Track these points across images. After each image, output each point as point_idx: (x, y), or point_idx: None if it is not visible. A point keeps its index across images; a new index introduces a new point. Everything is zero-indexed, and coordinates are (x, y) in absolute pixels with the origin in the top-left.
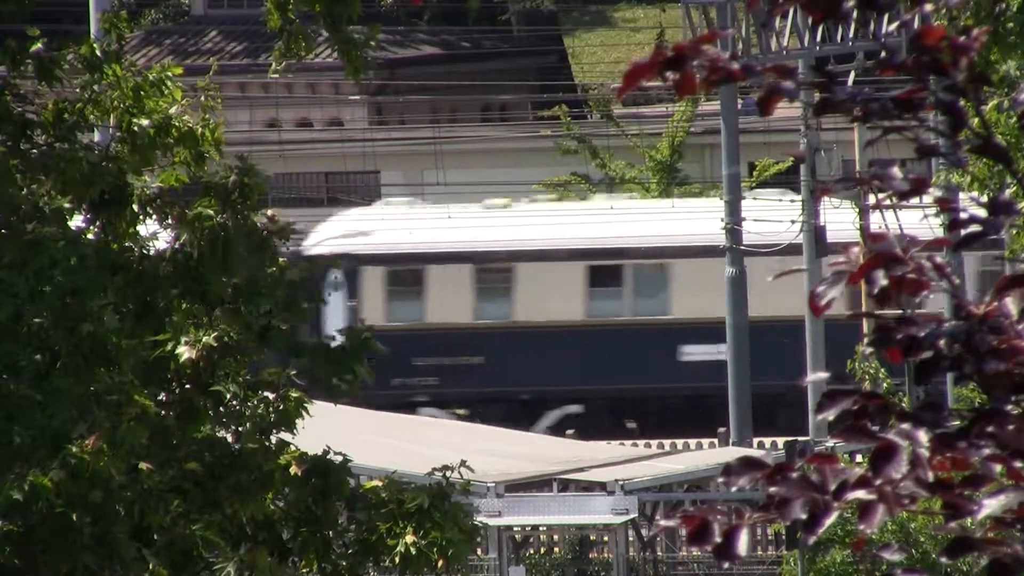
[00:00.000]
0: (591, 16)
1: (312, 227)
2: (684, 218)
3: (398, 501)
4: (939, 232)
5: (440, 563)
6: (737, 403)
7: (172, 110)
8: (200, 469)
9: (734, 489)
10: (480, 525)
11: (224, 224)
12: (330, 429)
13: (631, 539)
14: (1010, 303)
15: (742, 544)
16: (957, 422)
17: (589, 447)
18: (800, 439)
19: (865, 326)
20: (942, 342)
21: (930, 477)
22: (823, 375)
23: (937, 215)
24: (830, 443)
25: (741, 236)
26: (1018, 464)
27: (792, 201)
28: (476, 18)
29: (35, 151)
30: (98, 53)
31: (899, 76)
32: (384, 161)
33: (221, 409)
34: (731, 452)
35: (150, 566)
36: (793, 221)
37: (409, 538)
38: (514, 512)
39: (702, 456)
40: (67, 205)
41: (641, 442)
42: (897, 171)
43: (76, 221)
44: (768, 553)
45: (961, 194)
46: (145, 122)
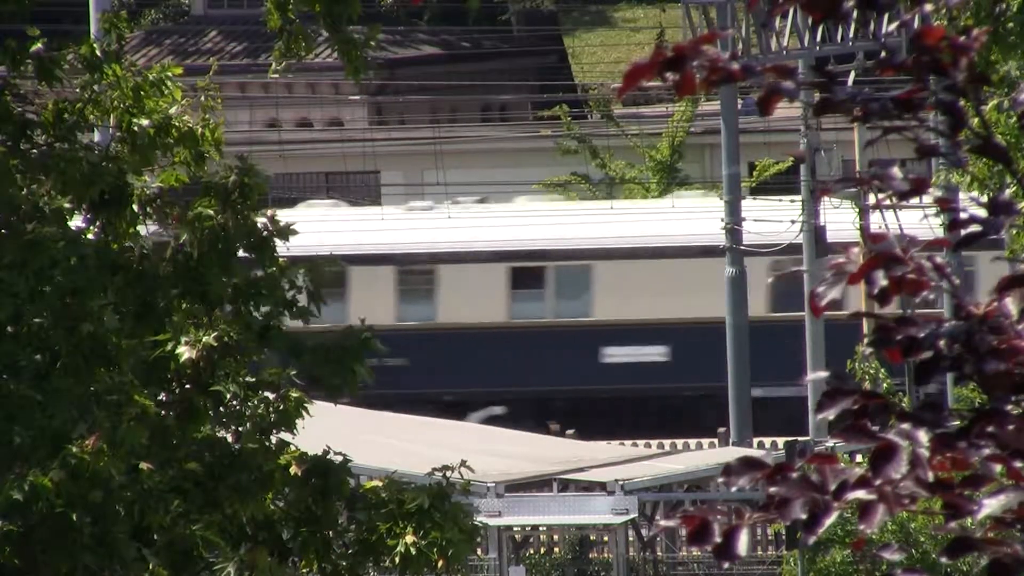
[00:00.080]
0: (591, 16)
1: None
2: (608, 220)
3: (398, 501)
4: (939, 232)
5: (440, 563)
6: (737, 403)
7: (172, 110)
8: (200, 469)
9: (734, 489)
10: (480, 525)
11: (224, 224)
12: (330, 429)
13: (631, 539)
14: (1010, 303)
15: (742, 544)
16: (957, 422)
17: (589, 447)
18: (800, 439)
19: (865, 326)
20: (942, 342)
21: (930, 477)
22: (823, 374)
23: (937, 215)
24: (830, 443)
25: (741, 236)
26: (1018, 464)
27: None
28: (476, 18)
29: (35, 151)
30: (98, 53)
31: (899, 76)
32: (384, 161)
33: (221, 409)
34: (731, 452)
35: (150, 566)
36: (793, 221)
37: (409, 538)
38: (514, 512)
39: (702, 456)
40: (67, 205)
41: (641, 442)
42: (897, 171)
43: (76, 221)
44: (768, 553)
45: (961, 194)
46: (145, 122)
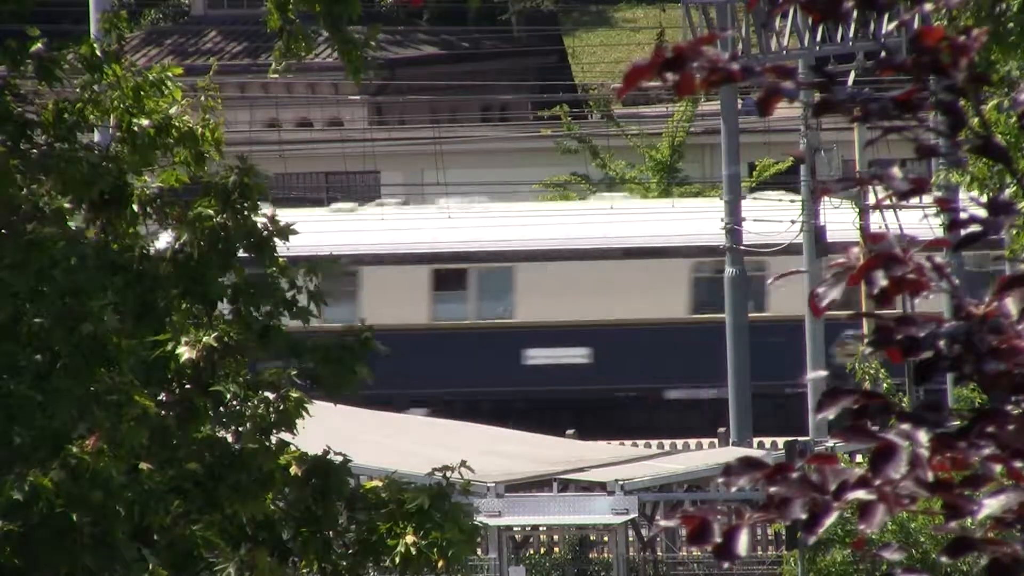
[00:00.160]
0: (591, 16)
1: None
2: (531, 223)
3: (398, 501)
4: (939, 232)
5: (440, 563)
6: (737, 403)
7: (172, 110)
8: (200, 469)
9: (734, 489)
10: (480, 525)
11: (224, 224)
12: (330, 429)
13: (631, 539)
14: (1010, 303)
15: (742, 544)
16: (957, 422)
17: (589, 447)
18: (800, 439)
19: (865, 326)
20: (942, 342)
21: (930, 477)
22: (823, 374)
23: (937, 215)
24: (830, 443)
25: (741, 236)
26: (1018, 464)
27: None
28: (476, 18)
29: (35, 151)
30: (98, 53)
31: (899, 76)
32: (384, 161)
33: (221, 409)
34: (731, 452)
35: (150, 566)
36: (793, 221)
37: (409, 538)
38: (514, 512)
39: (702, 456)
40: (67, 205)
41: (641, 442)
42: (897, 171)
43: (76, 221)
44: (768, 553)
45: (961, 194)
46: (145, 122)
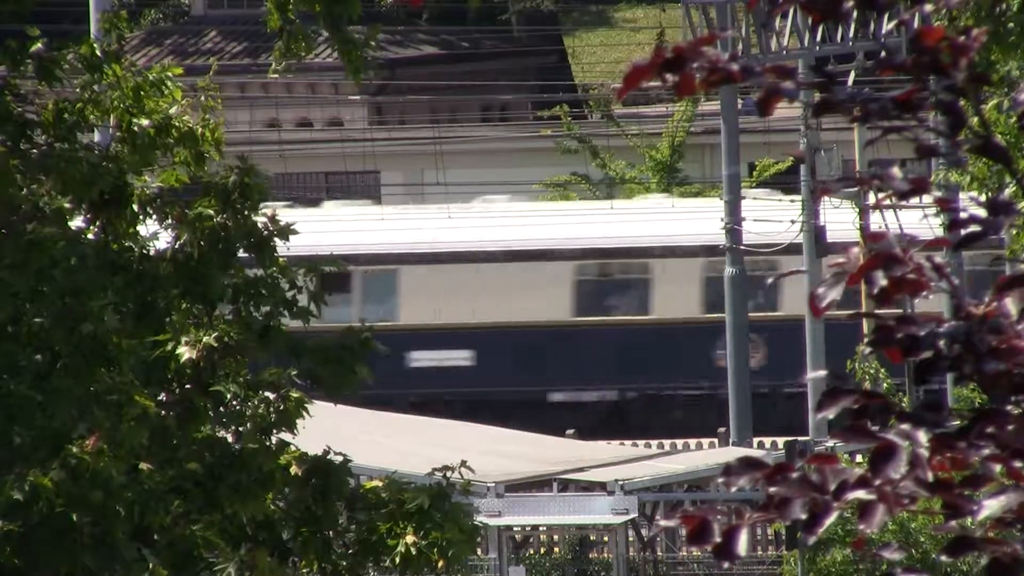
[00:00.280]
0: (591, 16)
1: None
2: (414, 226)
3: (398, 501)
4: (939, 232)
5: (440, 563)
6: (737, 403)
7: (172, 110)
8: (200, 469)
9: (734, 489)
10: (480, 525)
11: (224, 224)
12: (330, 429)
13: (631, 539)
14: (1010, 303)
15: (742, 544)
16: (957, 422)
17: (589, 447)
18: (800, 439)
19: (865, 326)
20: (942, 342)
21: (930, 477)
22: (822, 374)
23: (937, 215)
24: (830, 443)
25: (741, 236)
26: (1018, 464)
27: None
28: (476, 18)
29: (35, 151)
30: (98, 53)
31: (899, 76)
32: (384, 161)
33: (221, 409)
34: (731, 452)
35: (150, 566)
36: (793, 221)
37: (409, 538)
38: (514, 512)
39: (702, 456)
40: (67, 205)
41: (641, 442)
42: (897, 171)
43: (76, 221)
44: (768, 553)
45: (961, 194)
46: (145, 122)
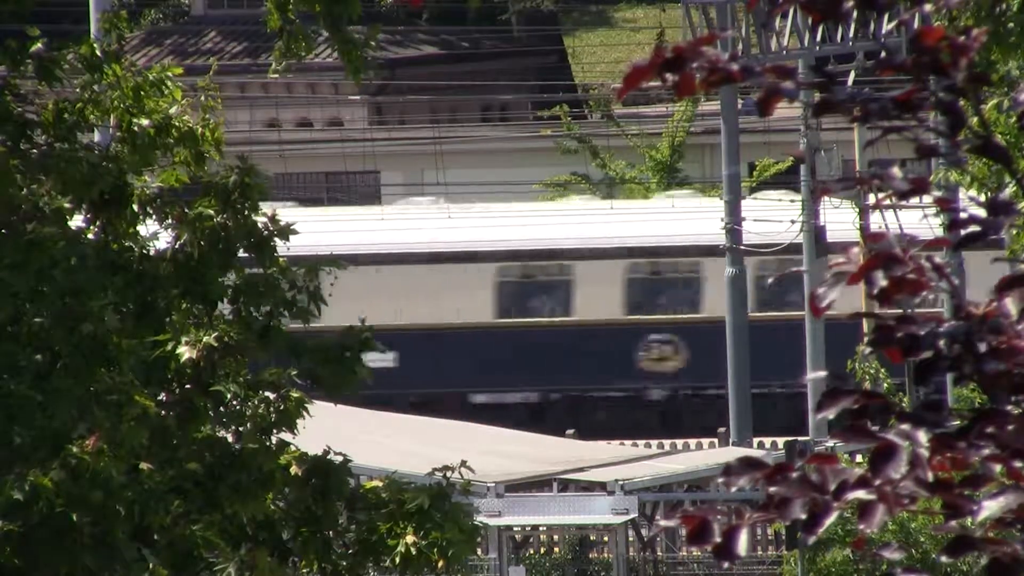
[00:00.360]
0: (591, 16)
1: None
2: (333, 229)
3: (398, 501)
4: (939, 232)
5: (440, 563)
6: (737, 403)
7: (172, 110)
8: (200, 469)
9: (734, 489)
10: (480, 525)
11: (224, 224)
12: (330, 429)
13: (631, 539)
14: (1010, 303)
15: (742, 544)
16: (957, 422)
17: (589, 447)
18: (800, 439)
19: (865, 326)
20: (942, 342)
21: (930, 477)
22: (822, 374)
23: (937, 215)
24: (830, 443)
25: (741, 236)
26: (1018, 464)
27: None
28: (476, 18)
29: (35, 151)
30: (98, 53)
31: (899, 76)
32: (384, 161)
33: (221, 409)
34: (731, 452)
35: (150, 566)
36: (793, 221)
37: (409, 538)
38: (514, 512)
39: (702, 456)
40: (67, 205)
41: (641, 442)
42: (897, 171)
43: (76, 221)
44: (768, 553)
45: (961, 194)
46: (145, 122)
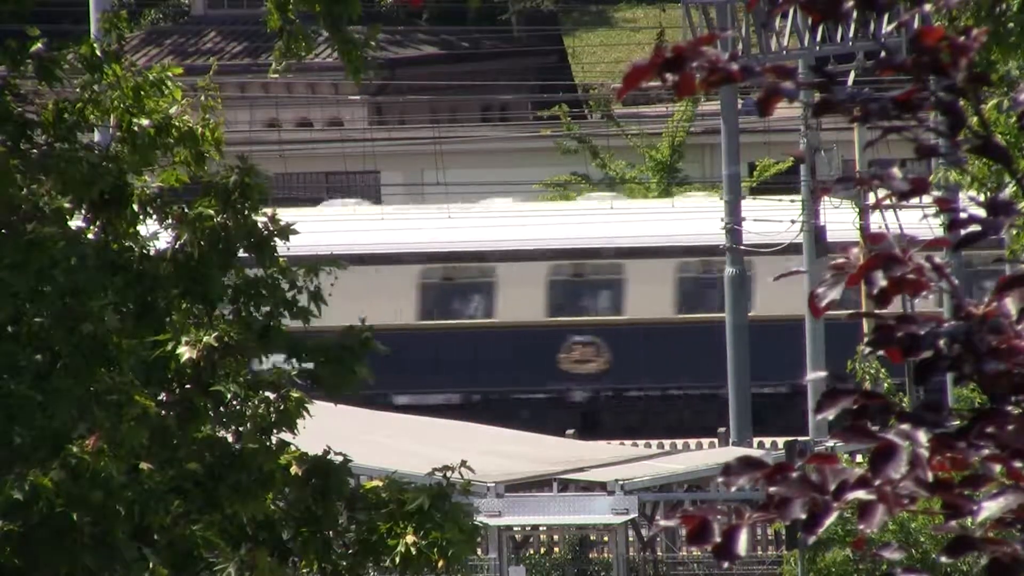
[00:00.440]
0: (591, 16)
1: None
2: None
3: (398, 501)
4: (939, 232)
5: (440, 563)
6: (737, 403)
7: (172, 110)
8: (200, 469)
9: (734, 489)
10: (480, 525)
11: (224, 224)
12: (330, 429)
13: (631, 539)
14: (1010, 303)
15: (742, 544)
16: (957, 422)
17: (589, 447)
18: (800, 439)
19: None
20: (942, 342)
21: (930, 477)
22: (822, 374)
23: (937, 215)
24: (830, 443)
25: (741, 236)
26: (1018, 464)
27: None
28: (476, 18)
29: (35, 151)
30: (98, 53)
31: (899, 76)
32: (384, 161)
33: (221, 409)
34: (731, 452)
35: (150, 566)
36: (793, 221)
37: (409, 538)
38: (514, 512)
39: (702, 456)
40: (67, 205)
41: (641, 442)
42: (897, 171)
43: (76, 221)
44: (768, 553)
45: (960, 193)
46: (145, 122)
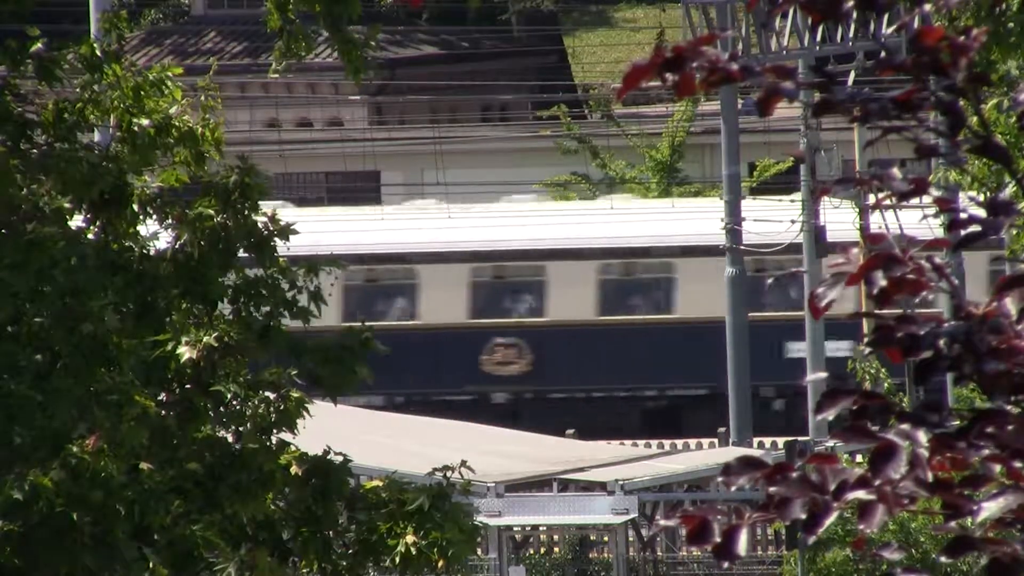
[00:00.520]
0: (591, 16)
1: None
2: None
3: (398, 501)
4: (939, 232)
5: (440, 563)
6: (737, 403)
7: (172, 110)
8: (200, 469)
9: (734, 489)
10: (480, 525)
11: (224, 224)
12: (330, 429)
13: (631, 539)
14: (1010, 303)
15: (742, 544)
16: (957, 422)
17: (589, 447)
18: (800, 439)
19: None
20: (942, 342)
21: (930, 477)
22: (823, 375)
23: (937, 215)
24: (830, 443)
25: (741, 236)
26: (1018, 464)
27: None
28: (476, 18)
29: (35, 151)
30: (98, 53)
31: (899, 76)
32: (384, 161)
33: (221, 409)
34: (731, 452)
35: (150, 566)
36: (793, 221)
37: (409, 538)
38: (514, 512)
39: (702, 456)
40: (67, 205)
41: (641, 442)
42: (897, 171)
43: (76, 221)
44: (768, 553)
45: (961, 194)
46: (145, 122)
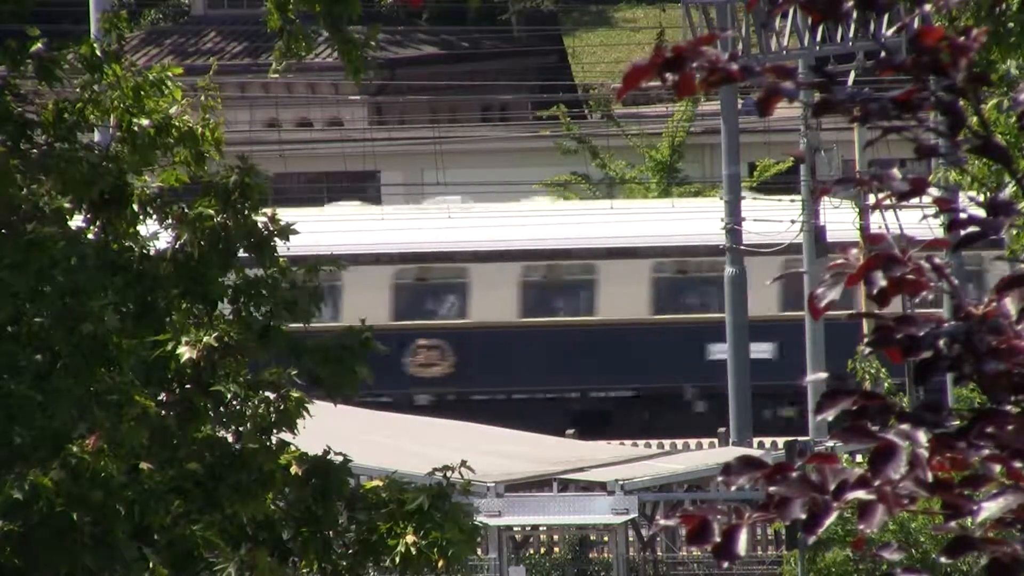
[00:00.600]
0: (591, 16)
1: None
2: None
3: (398, 501)
4: (939, 232)
5: (440, 563)
6: (737, 403)
7: (172, 110)
8: (200, 469)
9: (734, 489)
10: (480, 525)
11: (224, 224)
12: (330, 429)
13: (631, 539)
14: (1010, 303)
15: (742, 544)
16: (957, 422)
17: (589, 447)
18: (800, 439)
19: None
20: (942, 342)
21: (930, 477)
22: (823, 375)
23: (936, 215)
24: (830, 443)
25: (741, 236)
26: (1018, 464)
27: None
28: (476, 18)
29: (35, 151)
30: (98, 53)
31: (899, 76)
32: (384, 161)
33: (221, 409)
34: (731, 452)
35: (150, 566)
36: (793, 221)
37: (409, 538)
38: (514, 512)
39: (702, 456)
40: (67, 205)
41: (641, 442)
42: (897, 171)
43: (76, 221)
44: (768, 553)
45: (960, 194)
46: (145, 122)
